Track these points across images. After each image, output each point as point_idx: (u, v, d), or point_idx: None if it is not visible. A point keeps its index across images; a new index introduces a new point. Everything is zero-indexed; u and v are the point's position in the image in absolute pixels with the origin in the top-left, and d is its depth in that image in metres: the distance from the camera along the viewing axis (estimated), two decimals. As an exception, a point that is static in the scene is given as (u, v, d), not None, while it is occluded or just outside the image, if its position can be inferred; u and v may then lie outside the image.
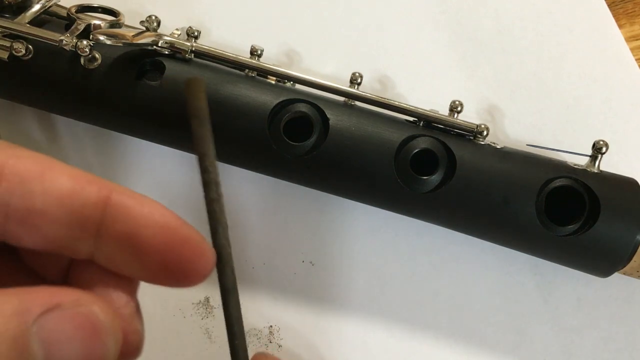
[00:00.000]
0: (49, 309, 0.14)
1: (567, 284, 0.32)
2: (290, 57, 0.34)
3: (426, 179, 0.27)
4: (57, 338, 0.14)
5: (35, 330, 0.14)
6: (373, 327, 0.32)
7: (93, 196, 0.16)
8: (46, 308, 0.14)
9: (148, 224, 0.16)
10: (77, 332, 0.14)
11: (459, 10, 0.35)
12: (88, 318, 0.15)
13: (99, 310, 0.15)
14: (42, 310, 0.14)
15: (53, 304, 0.14)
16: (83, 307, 0.15)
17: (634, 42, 0.34)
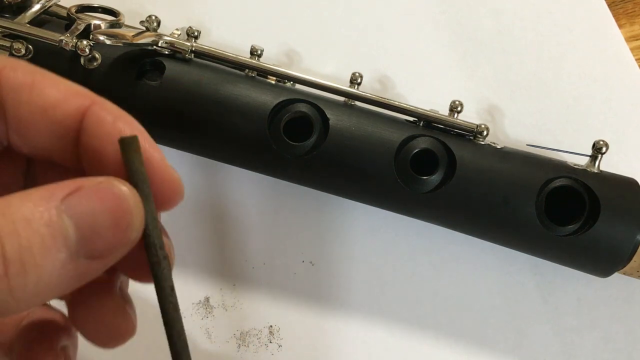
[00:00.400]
0: (74, 190, 0.15)
1: (567, 284, 0.32)
2: (290, 57, 0.34)
3: (426, 179, 0.27)
4: (85, 211, 0.15)
5: (63, 208, 0.15)
6: (373, 327, 0.32)
7: (74, 108, 0.17)
8: (70, 190, 0.15)
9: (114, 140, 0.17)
10: (103, 203, 0.15)
11: (459, 10, 0.35)
12: (110, 190, 0.15)
13: (120, 183, 0.16)
14: (66, 192, 0.15)
15: (75, 187, 0.15)
16: (104, 183, 0.16)
17: (634, 42, 0.34)
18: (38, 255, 0.14)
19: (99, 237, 0.15)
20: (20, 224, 0.14)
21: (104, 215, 0.15)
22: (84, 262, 0.15)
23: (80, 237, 0.15)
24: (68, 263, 0.15)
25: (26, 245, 0.14)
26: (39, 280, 0.14)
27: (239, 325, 0.32)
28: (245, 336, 0.32)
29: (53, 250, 0.14)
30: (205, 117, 0.27)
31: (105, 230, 0.15)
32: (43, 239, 0.14)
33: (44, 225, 0.14)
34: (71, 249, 0.15)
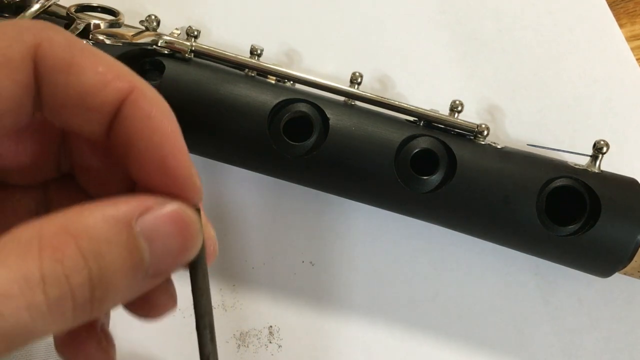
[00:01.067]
0: (144, 212, 0.15)
1: (568, 284, 0.32)
2: (290, 56, 0.34)
3: (426, 179, 0.27)
4: (158, 234, 0.15)
5: (139, 230, 0.15)
6: (373, 327, 0.32)
7: (113, 94, 0.16)
8: (141, 211, 0.15)
9: (145, 135, 0.16)
10: (174, 227, 0.16)
11: (459, 10, 0.35)
12: (179, 214, 0.16)
13: (185, 207, 0.16)
14: (140, 212, 0.15)
15: (145, 207, 0.15)
16: (173, 206, 0.16)
17: (635, 42, 0.34)
18: (118, 280, 0.15)
19: (169, 259, 0.16)
20: (104, 247, 0.14)
21: (176, 239, 0.16)
22: (150, 279, 0.16)
23: (154, 259, 0.15)
24: (139, 281, 0.15)
25: (110, 268, 0.14)
26: (115, 301, 0.15)
27: (238, 326, 0.32)
28: (245, 336, 0.32)
29: (131, 272, 0.15)
30: (205, 117, 0.27)
31: (175, 253, 0.16)
32: (123, 261, 0.15)
33: (123, 247, 0.15)
34: (144, 269, 0.15)
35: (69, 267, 0.14)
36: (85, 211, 0.15)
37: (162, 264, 0.16)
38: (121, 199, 0.15)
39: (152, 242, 0.15)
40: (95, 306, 0.14)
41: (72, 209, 0.15)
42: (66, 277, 0.13)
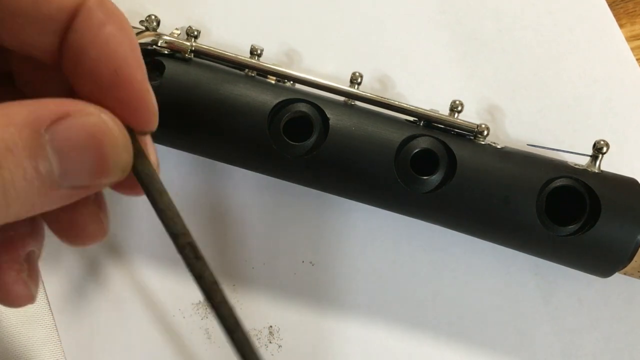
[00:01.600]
0: (60, 118, 0.14)
1: (568, 284, 0.32)
2: (290, 56, 0.34)
3: (426, 179, 0.27)
4: (70, 146, 0.14)
5: (48, 138, 0.14)
6: (373, 327, 0.32)
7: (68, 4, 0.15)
8: (56, 117, 0.14)
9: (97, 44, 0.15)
10: (89, 141, 0.14)
11: (459, 10, 0.35)
12: (99, 127, 0.14)
13: (108, 119, 0.15)
14: (52, 119, 0.14)
15: (62, 113, 0.14)
16: (93, 116, 0.14)
17: (635, 42, 0.34)
18: (20, 189, 0.13)
19: (83, 173, 0.14)
20: (2, 154, 0.13)
21: (90, 152, 0.14)
22: (66, 191, 0.15)
23: (63, 171, 0.14)
24: (50, 192, 0.14)
25: (8, 178, 0.13)
26: (21, 209, 0.14)
27: (238, 326, 0.32)
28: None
29: (35, 183, 0.14)
30: (205, 117, 0.27)
31: (90, 167, 0.15)
32: (25, 172, 0.13)
33: (26, 158, 0.13)
34: (53, 181, 0.14)
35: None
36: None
37: (75, 179, 0.14)
38: (39, 102, 0.14)
39: (62, 154, 0.14)
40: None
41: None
42: None
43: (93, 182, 0.15)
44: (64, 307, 0.32)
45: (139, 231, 0.33)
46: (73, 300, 0.32)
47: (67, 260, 0.32)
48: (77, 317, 0.32)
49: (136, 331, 0.32)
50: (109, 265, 0.32)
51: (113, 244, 0.32)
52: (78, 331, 0.32)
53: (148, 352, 0.32)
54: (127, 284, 0.32)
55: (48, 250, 0.32)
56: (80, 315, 0.32)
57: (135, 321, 0.32)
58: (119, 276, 0.32)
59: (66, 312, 0.32)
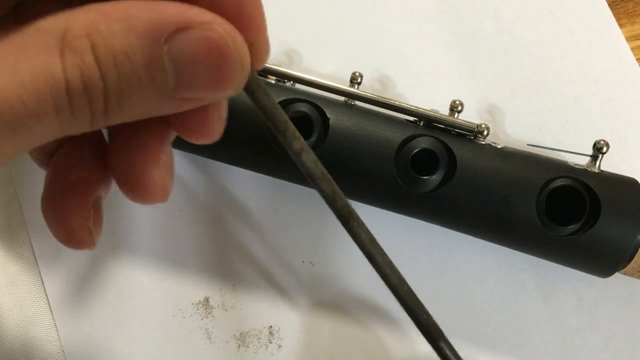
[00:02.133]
0: (180, 29, 0.14)
1: (568, 284, 0.32)
2: (290, 56, 0.34)
3: (426, 179, 0.27)
4: (187, 59, 0.14)
5: (166, 49, 0.14)
6: (373, 327, 0.32)
7: None
8: (177, 27, 0.14)
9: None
10: (207, 57, 0.14)
11: (459, 10, 0.35)
12: (218, 44, 0.14)
13: (229, 38, 0.14)
14: (173, 29, 0.14)
15: (184, 24, 0.14)
16: (214, 32, 0.14)
17: (635, 42, 0.34)
18: (135, 96, 0.14)
19: (197, 87, 0.15)
20: (120, 60, 0.13)
21: (206, 66, 0.14)
22: (177, 102, 0.15)
23: (179, 83, 0.14)
24: (162, 102, 0.14)
25: (125, 87, 0.14)
26: (132, 113, 0.14)
27: (238, 326, 0.32)
28: (245, 336, 0.32)
29: (150, 91, 0.14)
30: (205, 117, 0.27)
31: (204, 81, 0.15)
32: (141, 81, 0.14)
33: (144, 67, 0.14)
34: (168, 91, 0.14)
35: (86, 76, 0.13)
36: (114, 13, 0.13)
37: (189, 92, 0.15)
38: (160, 5, 0.14)
39: (178, 65, 0.14)
40: (109, 118, 0.14)
41: (104, 5, 0.14)
42: (84, 85, 0.13)
43: (206, 95, 0.15)
44: (64, 307, 0.32)
45: (139, 231, 0.33)
46: (73, 300, 0.32)
47: (67, 260, 0.32)
48: (77, 317, 0.32)
49: (136, 331, 0.32)
50: (109, 265, 0.32)
51: (113, 243, 0.32)
52: (78, 331, 0.32)
53: (148, 352, 0.32)
54: (127, 283, 0.32)
55: (48, 250, 0.33)
56: (80, 315, 0.32)
57: (135, 321, 0.32)
58: (119, 276, 0.32)
59: (66, 312, 0.32)
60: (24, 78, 0.13)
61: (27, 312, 0.32)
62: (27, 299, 0.32)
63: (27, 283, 0.32)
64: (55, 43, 0.13)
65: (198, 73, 0.14)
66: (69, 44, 0.13)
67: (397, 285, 0.18)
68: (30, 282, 0.32)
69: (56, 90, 0.13)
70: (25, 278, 0.32)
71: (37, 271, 0.32)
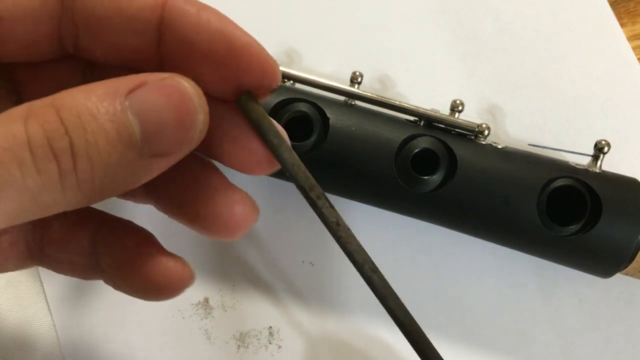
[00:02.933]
0: (137, 86, 0.15)
1: (569, 284, 0.32)
2: (290, 56, 0.34)
3: (427, 179, 0.27)
4: (149, 108, 0.15)
5: (127, 104, 0.14)
6: (373, 327, 0.32)
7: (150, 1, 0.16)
8: (133, 86, 0.15)
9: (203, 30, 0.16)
10: (168, 100, 0.15)
11: (459, 10, 0.35)
12: (176, 88, 0.15)
13: (184, 81, 0.15)
14: (130, 87, 0.15)
15: (139, 82, 0.15)
16: (169, 80, 0.15)
17: (636, 41, 0.34)
18: (104, 151, 0.14)
19: (164, 135, 0.15)
20: (85, 118, 0.14)
21: (169, 112, 0.15)
22: (147, 160, 0.15)
23: (145, 134, 0.15)
24: (132, 159, 0.15)
25: (92, 141, 0.14)
26: (105, 176, 0.14)
27: (238, 326, 0.32)
28: (245, 337, 0.32)
29: (118, 146, 0.14)
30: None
31: (170, 128, 0.15)
32: (108, 134, 0.14)
33: (109, 121, 0.14)
34: (136, 145, 0.15)
35: (50, 131, 0.14)
36: (76, 89, 0.14)
37: (158, 142, 0.15)
38: (117, 79, 0.15)
39: (141, 117, 0.14)
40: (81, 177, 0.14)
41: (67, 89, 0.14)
42: (48, 140, 0.14)
43: (174, 146, 0.15)
44: (64, 307, 0.32)
45: (139, 231, 0.32)
46: (73, 300, 0.32)
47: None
48: (77, 317, 0.32)
49: (136, 331, 0.32)
50: (109, 265, 0.32)
51: (112, 244, 0.32)
52: (78, 331, 0.32)
53: (148, 352, 0.32)
54: (126, 284, 0.32)
55: (47, 250, 0.32)
56: (80, 315, 0.32)
57: (135, 321, 0.32)
58: (119, 276, 0.32)
59: (66, 312, 0.32)
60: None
61: (26, 312, 0.31)
62: (26, 300, 0.32)
63: (25, 283, 0.32)
64: (19, 114, 0.14)
65: (162, 119, 0.15)
66: (33, 113, 0.14)
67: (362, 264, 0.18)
68: (29, 282, 0.32)
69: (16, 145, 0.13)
70: (24, 278, 0.32)
71: (36, 271, 0.32)
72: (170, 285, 0.19)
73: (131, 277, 0.19)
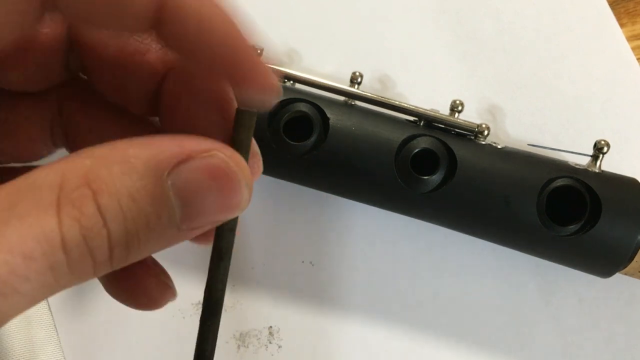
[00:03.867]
0: (181, 162, 0.14)
1: (568, 284, 0.32)
2: (290, 56, 0.34)
3: (427, 179, 0.27)
4: (193, 190, 0.14)
5: (170, 183, 0.13)
6: (373, 327, 0.32)
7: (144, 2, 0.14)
8: (178, 160, 0.13)
9: (204, 27, 0.14)
10: (213, 183, 0.14)
11: (459, 10, 0.35)
12: (222, 169, 0.14)
13: (231, 161, 0.14)
14: (174, 162, 0.13)
15: (184, 156, 0.14)
16: (215, 158, 0.14)
17: (636, 41, 0.34)
18: (143, 238, 0.13)
19: (204, 215, 0.14)
20: (125, 203, 0.13)
21: (212, 195, 0.14)
22: (184, 233, 0.14)
23: (185, 215, 0.14)
24: (170, 237, 0.14)
25: (132, 228, 0.13)
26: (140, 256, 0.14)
27: (238, 326, 0.32)
28: (245, 337, 0.32)
29: (158, 230, 0.13)
30: (205, 117, 0.27)
31: (212, 211, 0.14)
32: (148, 219, 0.13)
33: (149, 204, 0.13)
34: (174, 225, 0.14)
35: (87, 227, 0.12)
36: (111, 156, 0.13)
37: (196, 222, 0.14)
38: (157, 141, 0.14)
39: (184, 198, 0.13)
40: (116, 263, 0.13)
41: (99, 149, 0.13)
42: (84, 238, 0.12)
43: (215, 220, 0.15)
44: (64, 307, 0.32)
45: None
46: (73, 300, 0.32)
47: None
48: (77, 317, 0.32)
49: (136, 331, 0.32)
50: (109, 265, 0.32)
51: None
52: (78, 331, 0.32)
53: (148, 352, 0.32)
54: (126, 284, 0.32)
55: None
56: (80, 315, 0.32)
57: (135, 321, 0.32)
58: (119, 276, 0.32)
59: (66, 312, 0.32)
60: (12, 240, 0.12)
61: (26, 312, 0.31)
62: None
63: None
64: (51, 198, 0.12)
65: (205, 201, 0.14)
66: (67, 196, 0.12)
67: None
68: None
69: (50, 248, 0.12)
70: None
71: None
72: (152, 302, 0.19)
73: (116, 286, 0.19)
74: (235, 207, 0.15)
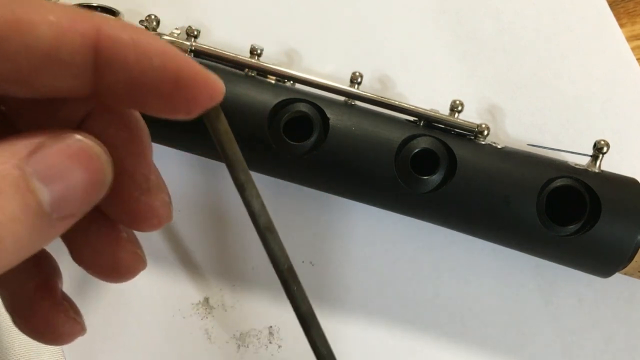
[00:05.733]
0: (35, 148, 0.14)
1: (568, 284, 0.32)
2: (290, 56, 0.34)
3: (426, 179, 0.27)
4: (56, 171, 0.14)
5: (30, 170, 0.13)
6: (373, 327, 0.32)
7: (78, 41, 0.14)
8: (31, 148, 0.14)
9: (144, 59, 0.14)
10: (74, 161, 0.14)
11: (459, 10, 0.35)
12: (78, 146, 0.14)
13: (83, 137, 0.15)
14: (28, 150, 0.14)
15: (36, 144, 0.14)
16: (68, 139, 0.14)
17: (635, 42, 0.34)
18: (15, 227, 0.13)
19: (75, 199, 0.14)
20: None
21: (77, 175, 0.14)
22: (55, 223, 0.14)
23: (56, 201, 0.14)
24: (42, 226, 0.14)
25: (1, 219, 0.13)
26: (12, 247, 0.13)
27: (238, 326, 0.32)
28: (245, 337, 0.32)
29: (28, 219, 0.13)
30: (205, 117, 0.27)
31: (79, 191, 0.14)
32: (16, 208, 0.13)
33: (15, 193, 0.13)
34: (47, 215, 0.14)
35: None
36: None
37: (67, 205, 0.14)
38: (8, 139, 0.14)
39: (50, 182, 0.14)
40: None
41: None
42: None
43: (84, 207, 0.15)
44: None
45: (138, 231, 0.32)
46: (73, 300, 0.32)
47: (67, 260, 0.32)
48: (77, 317, 0.32)
49: (136, 331, 0.32)
50: (109, 265, 0.32)
51: (113, 244, 0.32)
52: (78, 331, 0.32)
53: (148, 352, 0.32)
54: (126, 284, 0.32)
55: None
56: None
57: (135, 321, 0.32)
58: (119, 276, 0.32)
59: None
60: None
61: (26, 312, 0.31)
62: (27, 299, 0.32)
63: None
64: None
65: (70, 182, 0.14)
66: None
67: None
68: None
69: None
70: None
71: (37, 271, 0.32)
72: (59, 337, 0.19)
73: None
74: (101, 183, 0.15)
